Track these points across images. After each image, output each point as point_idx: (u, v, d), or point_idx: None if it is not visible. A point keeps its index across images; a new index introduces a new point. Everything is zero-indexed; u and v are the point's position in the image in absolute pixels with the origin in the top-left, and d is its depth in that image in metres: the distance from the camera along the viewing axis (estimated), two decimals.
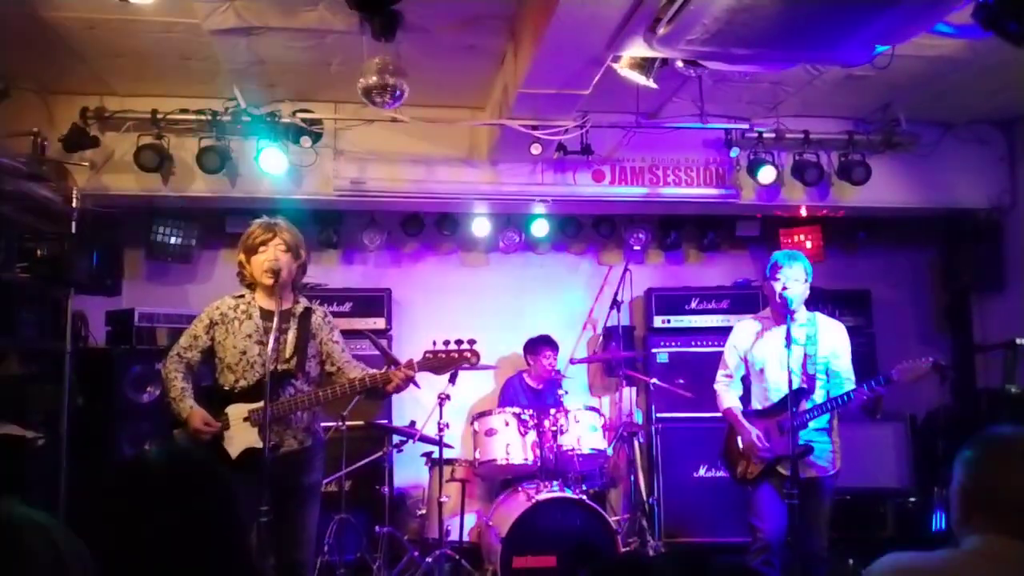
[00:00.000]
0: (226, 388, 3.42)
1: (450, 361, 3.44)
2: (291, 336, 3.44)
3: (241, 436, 3.35)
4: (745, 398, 4.08)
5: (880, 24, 3.38)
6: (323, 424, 3.72)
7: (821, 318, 3.95)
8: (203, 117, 5.14)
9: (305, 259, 3.57)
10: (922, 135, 5.78)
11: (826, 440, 3.83)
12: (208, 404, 3.39)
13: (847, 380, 3.85)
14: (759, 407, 3.96)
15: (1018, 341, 5.67)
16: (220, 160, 5.11)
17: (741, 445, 3.94)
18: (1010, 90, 5.23)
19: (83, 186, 5.07)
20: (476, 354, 3.45)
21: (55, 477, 4.68)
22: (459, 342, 3.44)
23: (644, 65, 3.95)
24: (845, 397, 3.69)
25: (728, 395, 4.06)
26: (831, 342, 3.87)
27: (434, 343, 3.45)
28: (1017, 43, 3.18)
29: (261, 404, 3.29)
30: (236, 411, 3.37)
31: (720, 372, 4.12)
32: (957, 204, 6.02)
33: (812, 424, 3.76)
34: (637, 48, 3.68)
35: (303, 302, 3.56)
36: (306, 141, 5.16)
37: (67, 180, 5.03)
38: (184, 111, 5.16)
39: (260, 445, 3.25)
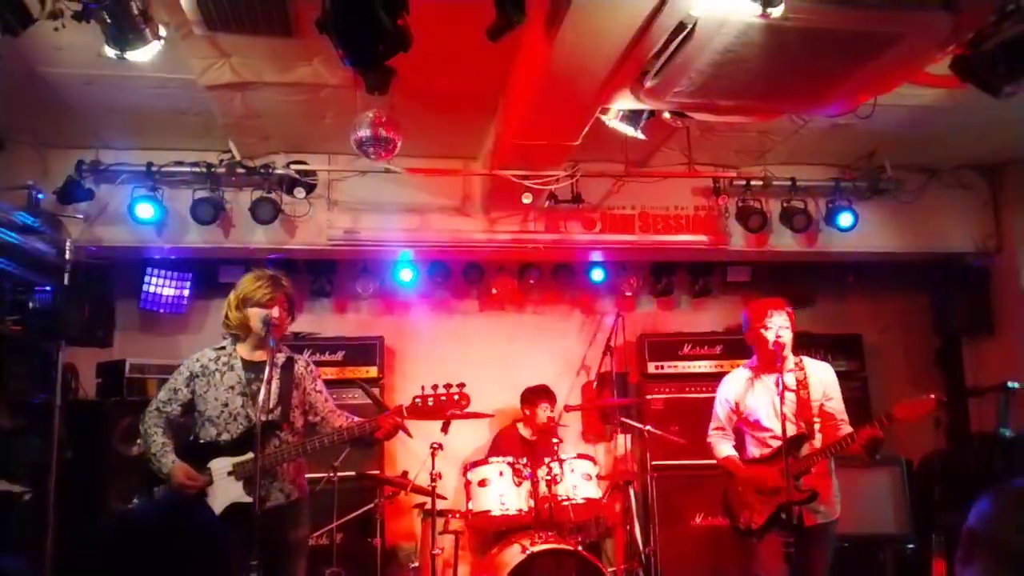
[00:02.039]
0: (207, 442, 3.36)
1: (439, 407, 3.42)
2: (275, 386, 3.39)
3: (225, 491, 3.28)
4: (740, 449, 4.04)
5: (861, 76, 3.46)
6: (313, 476, 3.68)
7: (808, 361, 3.95)
8: (197, 169, 5.19)
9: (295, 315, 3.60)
10: (907, 181, 5.86)
11: (827, 485, 3.80)
12: (189, 459, 3.33)
13: (841, 421, 3.82)
14: (757, 455, 3.92)
15: (1010, 385, 5.67)
16: (214, 211, 5.14)
17: (742, 493, 3.90)
18: (991, 137, 5.34)
19: (77, 238, 5.09)
20: (466, 397, 3.44)
21: (42, 532, 4.61)
22: (448, 386, 3.43)
23: (632, 116, 4.02)
24: (848, 439, 3.64)
25: (722, 444, 4.03)
26: (821, 384, 3.86)
27: (423, 388, 3.44)
28: (994, 93, 3.26)
29: (245, 457, 3.25)
30: (219, 465, 3.31)
31: (712, 425, 4.08)
32: (944, 249, 6.09)
33: (815, 470, 3.72)
34: (625, 100, 3.76)
35: (285, 351, 3.55)
36: (300, 192, 5.21)
37: (60, 232, 5.05)
38: (179, 163, 5.20)
39: (245, 500, 3.20)
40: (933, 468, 5.85)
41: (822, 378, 3.89)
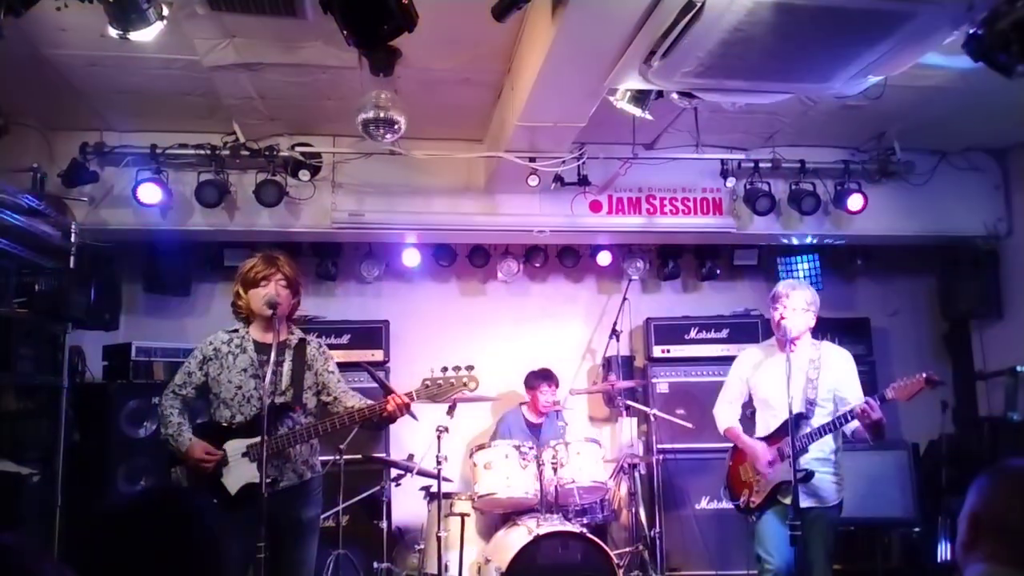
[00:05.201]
0: (222, 424, 3.38)
1: (448, 388, 3.43)
2: (287, 368, 3.42)
3: (240, 472, 3.32)
4: (750, 428, 4.05)
5: (872, 56, 3.41)
6: (320, 458, 3.69)
7: (827, 346, 3.94)
8: (202, 152, 5.17)
9: (301, 295, 3.57)
10: (917, 164, 5.81)
11: (828, 470, 3.78)
12: (206, 441, 3.35)
13: (850, 406, 3.77)
14: (763, 435, 3.93)
15: (1019, 368, 5.65)
16: (218, 194, 5.13)
17: (744, 474, 3.90)
18: (1003, 119, 5.26)
19: (82, 221, 5.09)
20: (474, 379, 3.44)
21: (51, 513, 4.64)
22: (457, 368, 3.43)
23: (640, 97, 3.98)
24: (841, 419, 3.66)
25: (727, 415, 4.05)
26: (836, 370, 3.85)
27: (432, 371, 3.44)
28: (1007, 74, 3.20)
29: (258, 439, 3.25)
30: (234, 446, 3.34)
31: (720, 398, 4.11)
32: (953, 232, 6.03)
33: (814, 452, 3.72)
34: (633, 81, 3.72)
35: (297, 333, 3.55)
36: (304, 175, 5.19)
37: (66, 215, 5.04)
38: (183, 146, 5.19)
39: (259, 480, 3.21)
40: (940, 452, 5.85)
41: (838, 365, 3.87)
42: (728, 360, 4.24)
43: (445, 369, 3.44)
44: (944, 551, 5.48)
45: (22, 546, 1.12)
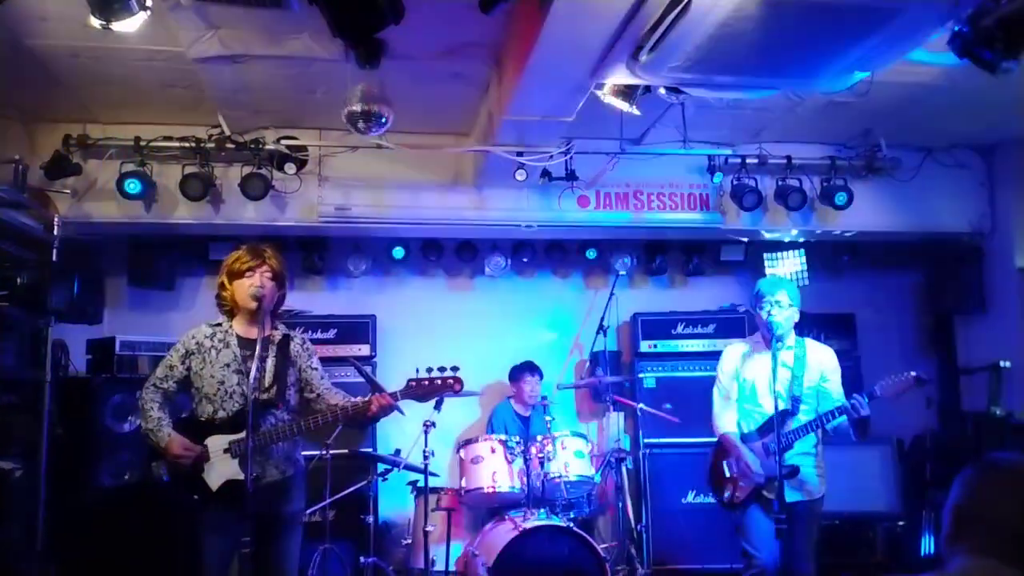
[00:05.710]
0: (204, 419, 3.36)
1: (433, 389, 3.42)
2: (270, 364, 3.39)
3: (221, 468, 3.30)
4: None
5: (858, 51, 3.43)
6: (306, 453, 3.68)
7: (810, 343, 3.97)
8: (186, 144, 5.13)
9: (287, 289, 3.56)
10: (903, 160, 5.85)
11: (811, 464, 3.82)
12: (187, 436, 3.33)
13: (838, 402, 3.81)
14: (747, 430, 3.95)
15: (1002, 364, 5.70)
16: (203, 187, 5.09)
17: (729, 471, 3.92)
18: (988, 116, 5.31)
19: (65, 214, 5.05)
20: (459, 381, 3.44)
21: (34, 508, 4.60)
22: (442, 369, 3.42)
23: (627, 92, 3.99)
24: (829, 416, 3.68)
25: (724, 419, 4.02)
26: (819, 365, 3.88)
27: (417, 371, 3.43)
28: (991, 71, 3.22)
29: (241, 435, 3.23)
30: (216, 442, 3.31)
31: (716, 397, 4.09)
32: (938, 228, 6.09)
33: (798, 447, 3.75)
34: (620, 75, 3.72)
35: (281, 329, 3.53)
36: (290, 168, 5.16)
37: (48, 208, 4.99)
38: (167, 138, 5.15)
39: (241, 476, 3.19)
40: (924, 446, 5.91)
41: (820, 360, 3.90)
42: (715, 355, 4.24)
43: (430, 370, 3.43)
44: (928, 545, 5.53)
45: (5, 542, 1.11)
